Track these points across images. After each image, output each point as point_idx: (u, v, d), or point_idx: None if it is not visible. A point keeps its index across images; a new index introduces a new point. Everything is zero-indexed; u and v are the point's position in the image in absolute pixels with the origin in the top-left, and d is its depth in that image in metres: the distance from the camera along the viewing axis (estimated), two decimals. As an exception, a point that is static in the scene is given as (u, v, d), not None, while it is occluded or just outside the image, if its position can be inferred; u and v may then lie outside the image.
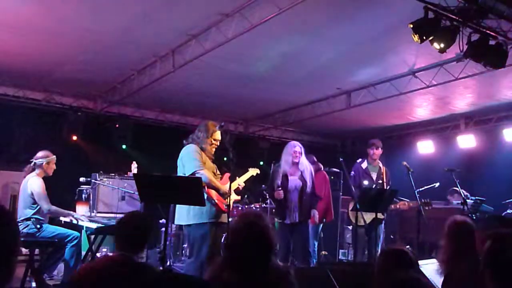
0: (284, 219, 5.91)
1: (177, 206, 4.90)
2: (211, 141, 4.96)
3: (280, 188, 5.94)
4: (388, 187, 6.61)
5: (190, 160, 4.77)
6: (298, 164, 6.14)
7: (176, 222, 5.01)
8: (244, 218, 2.72)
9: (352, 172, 6.77)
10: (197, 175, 4.61)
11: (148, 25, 5.79)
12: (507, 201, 7.59)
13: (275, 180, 6.06)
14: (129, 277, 2.85)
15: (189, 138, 5.00)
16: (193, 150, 4.84)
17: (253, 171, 5.61)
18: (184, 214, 4.83)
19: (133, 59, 6.97)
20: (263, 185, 8.78)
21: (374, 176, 6.71)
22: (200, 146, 4.90)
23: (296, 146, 6.16)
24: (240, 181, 5.24)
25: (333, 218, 7.52)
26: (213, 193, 4.79)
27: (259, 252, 2.54)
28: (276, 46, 6.36)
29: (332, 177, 8.18)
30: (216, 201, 4.79)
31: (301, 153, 6.18)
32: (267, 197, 8.81)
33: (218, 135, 5.02)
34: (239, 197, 5.27)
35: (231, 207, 4.83)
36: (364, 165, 6.79)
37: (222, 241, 5.19)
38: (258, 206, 8.72)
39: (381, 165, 6.79)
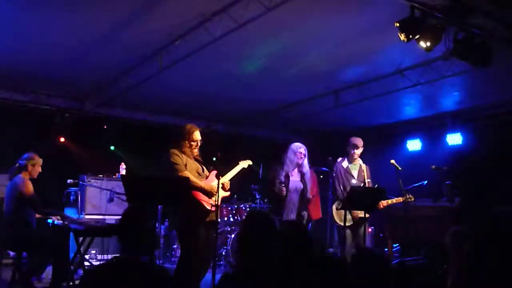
0: (281, 218, 5.91)
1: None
2: (190, 143, 5.01)
3: (283, 185, 5.93)
4: (371, 184, 6.58)
5: (170, 166, 4.82)
6: (301, 166, 6.12)
7: (171, 228, 5.02)
8: None
9: (334, 173, 6.69)
10: None
11: (134, 26, 5.75)
12: None
13: (277, 178, 6.03)
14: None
15: (172, 144, 5.04)
16: (172, 155, 4.89)
17: (244, 163, 5.58)
18: (173, 218, 4.85)
19: (120, 60, 6.92)
20: (252, 185, 8.78)
21: (355, 174, 6.56)
22: (180, 150, 4.94)
23: (301, 148, 6.16)
24: (227, 178, 5.24)
25: (321, 216, 7.52)
26: (197, 193, 4.81)
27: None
28: (263, 45, 6.35)
29: (321, 176, 8.17)
30: (201, 201, 4.80)
31: (305, 155, 6.16)
32: (257, 196, 8.83)
33: (196, 135, 5.06)
34: (228, 193, 5.24)
35: (219, 203, 4.83)
36: (345, 164, 6.62)
37: (216, 240, 5.12)
38: (248, 206, 8.74)
39: (361, 162, 6.65)
